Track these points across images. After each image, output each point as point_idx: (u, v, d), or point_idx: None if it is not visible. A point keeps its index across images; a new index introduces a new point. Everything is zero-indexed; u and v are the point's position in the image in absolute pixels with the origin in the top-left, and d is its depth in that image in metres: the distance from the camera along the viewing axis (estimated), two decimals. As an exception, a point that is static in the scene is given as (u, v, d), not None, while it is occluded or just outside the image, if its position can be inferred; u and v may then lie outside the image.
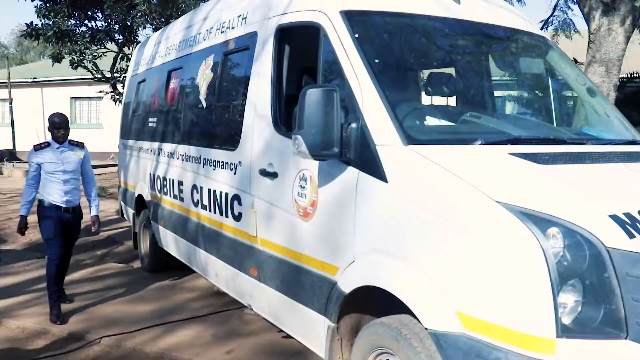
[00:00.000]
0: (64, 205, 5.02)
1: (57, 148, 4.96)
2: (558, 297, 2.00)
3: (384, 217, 2.58)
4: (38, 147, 4.95)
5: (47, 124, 5.09)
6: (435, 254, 2.31)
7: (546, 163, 2.49)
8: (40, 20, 13.20)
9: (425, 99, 3.49)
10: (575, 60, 10.89)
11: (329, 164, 2.89)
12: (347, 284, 2.77)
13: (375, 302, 2.72)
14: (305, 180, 3.10)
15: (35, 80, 25.22)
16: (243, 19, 4.14)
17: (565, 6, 10.20)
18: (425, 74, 3.67)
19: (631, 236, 2.07)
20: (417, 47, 3.39)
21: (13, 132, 23.98)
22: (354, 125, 2.72)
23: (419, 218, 2.39)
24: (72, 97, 24.67)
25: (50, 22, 13.11)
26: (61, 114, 5.05)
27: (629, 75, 11.93)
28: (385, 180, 2.56)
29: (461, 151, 2.59)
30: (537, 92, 4.01)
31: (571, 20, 10.75)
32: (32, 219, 5.07)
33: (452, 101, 3.59)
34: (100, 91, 16.34)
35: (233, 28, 4.28)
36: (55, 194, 4.97)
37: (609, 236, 2.06)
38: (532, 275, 2.02)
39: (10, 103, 24.25)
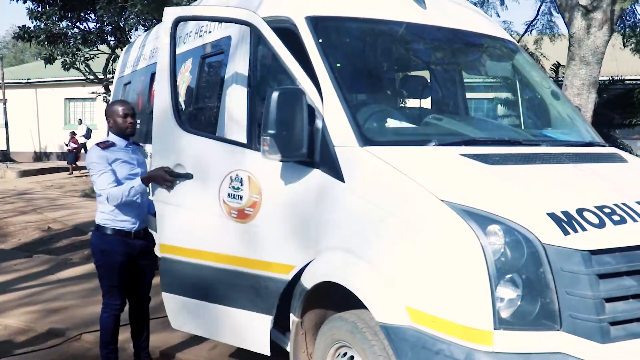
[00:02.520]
0: (135, 228, 3.65)
1: (126, 146, 3.70)
2: (496, 291, 2.11)
3: (341, 215, 2.68)
4: (104, 145, 3.58)
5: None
6: (386, 250, 2.43)
7: (496, 163, 2.61)
8: (33, 23, 13.30)
9: (390, 102, 3.60)
10: (559, 64, 11.07)
11: (283, 165, 2.90)
12: (309, 280, 2.87)
13: (338, 298, 2.83)
14: (241, 182, 3.10)
15: (29, 81, 25.28)
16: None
17: (548, 11, 10.39)
18: (390, 78, 3.78)
19: (566, 233, 2.19)
20: (382, 52, 3.49)
21: (7, 132, 24.01)
22: (315, 127, 2.82)
23: (372, 216, 2.51)
24: (66, 98, 24.73)
25: (42, 25, 13.19)
26: (124, 100, 3.94)
27: (612, 78, 12.08)
28: (343, 180, 2.67)
29: (414, 152, 2.69)
30: (503, 95, 4.13)
31: (554, 22, 10.95)
32: (26, 219, 5.13)
33: (416, 104, 3.70)
34: (93, 92, 16.42)
35: (210, 32, 4.38)
36: (125, 212, 3.59)
37: (545, 233, 2.18)
38: (471, 271, 2.13)
39: (4, 104, 24.28)
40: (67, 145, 20.39)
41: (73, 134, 20.44)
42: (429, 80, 3.91)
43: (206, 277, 3.33)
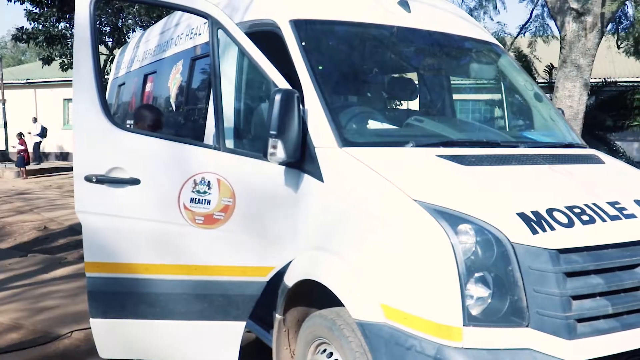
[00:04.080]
0: None
1: None
2: (466, 289, 2.16)
3: (320, 215, 2.75)
4: None
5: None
6: (361, 249, 2.49)
7: (471, 164, 2.66)
8: (31, 24, 13.37)
9: (372, 104, 3.66)
10: (552, 66, 11.15)
11: (264, 166, 2.86)
12: (290, 279, 2.93)
13: (319, 296, 2.88)
14: (208, 185, 2.91)
15: (28, 81, 25.35)
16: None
17: (541, 14, 10.48)
18: (372, 80, 3.83)
19: (534, 232, 2.24)
20: (365, 55, 3.54)
21: (6, 133, 24.07)
22: None
23: (349, 215, 2.57)
24: (65, 99, 24.77)
25: (41, 27, 13.27)
26: (151, 105, 3.87)
27: (605, 80, 12.15)
28: (322, 180, 2.72)
29: (391, 153, 2.75)
30: (487, 97, 4.18)
31: (547, 25, 11.04)
32: (23, 218, 5.18)
33: (405, 106, 3.75)
34: (91, 93, 16.42)
35: (200, 34, 4.44)
36: None
37: (514, 232, 2.24)
38: (442, 269, 2.19)
39: (3, 104, 24.34)
40: (13, 147, 19.39)
41: (21, 135, 19.30)
42: (413, 83, 3.97)
43: (158, 292, 3.01)
